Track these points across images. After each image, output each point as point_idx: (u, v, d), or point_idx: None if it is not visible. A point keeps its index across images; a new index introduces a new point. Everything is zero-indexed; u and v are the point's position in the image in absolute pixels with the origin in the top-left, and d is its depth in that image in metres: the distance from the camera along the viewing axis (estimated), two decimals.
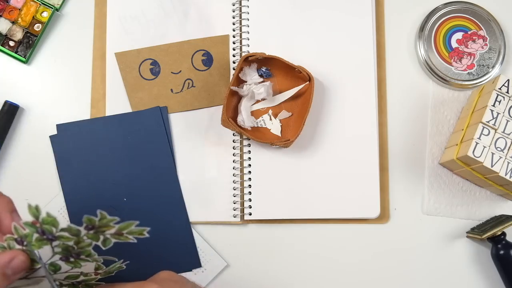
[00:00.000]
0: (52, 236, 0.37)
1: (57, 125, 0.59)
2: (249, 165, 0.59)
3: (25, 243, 0.38)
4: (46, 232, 0.36)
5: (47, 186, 0.58)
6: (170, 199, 0.58)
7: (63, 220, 0.54)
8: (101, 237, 0.38)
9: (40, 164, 0.59)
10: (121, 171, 0.58)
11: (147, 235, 0.38)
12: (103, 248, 0.39)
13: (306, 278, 0.59)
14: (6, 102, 0.59)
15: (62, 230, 0.36)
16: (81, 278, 0.43)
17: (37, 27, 0.61)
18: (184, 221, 0.58)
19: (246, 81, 0.59)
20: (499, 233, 0.56)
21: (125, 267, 0.45)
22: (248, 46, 0.61)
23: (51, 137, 0.59)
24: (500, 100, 0.55)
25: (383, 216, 0.59)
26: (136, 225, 0.38)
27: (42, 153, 0.59)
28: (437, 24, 0.62)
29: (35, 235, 0.37)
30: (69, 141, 0.59)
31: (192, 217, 0.58)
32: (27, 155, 0.59)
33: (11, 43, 0.61)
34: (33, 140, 0.60)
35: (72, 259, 0.40)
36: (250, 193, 0.58)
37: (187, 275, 0.57)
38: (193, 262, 0.58)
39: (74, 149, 0.58)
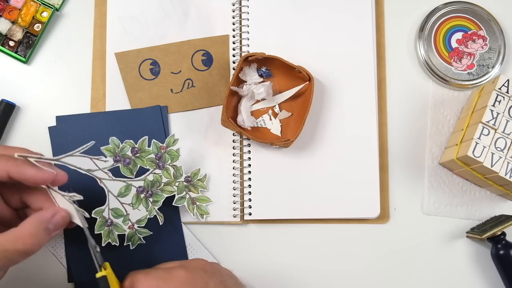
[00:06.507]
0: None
1: (56, 116, 0.59)
2: (249, 165, 0.59)
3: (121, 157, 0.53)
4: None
5: None
6: None
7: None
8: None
9: None
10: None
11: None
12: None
13: (306, 278, 0.59)
14: (2, 101, 0.59)
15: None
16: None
17: (37, 27, 0.61)
18: (175, 220, 0.58)
19: (246, 81, 0.59)
20: (499, 233, 0.56)
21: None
22: (248, 46, 0.61)
23: (49, 128, 0.59)
24: (500, 100, 0.55)
25: (383, 216, 0.59)
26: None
27: (42, 151, 0.59)
28: (437, 24, 0.62)
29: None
30: (67, 133, 0.59)
31: (191, 217, 0.58)
32: None
33: (11, 43, 0.61)
34: (32, 140, 0.60)
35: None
36: (250, 193, 0.58)
37: None
38: (181, 259, 0.57)
39: (72, 142, 0.58)
